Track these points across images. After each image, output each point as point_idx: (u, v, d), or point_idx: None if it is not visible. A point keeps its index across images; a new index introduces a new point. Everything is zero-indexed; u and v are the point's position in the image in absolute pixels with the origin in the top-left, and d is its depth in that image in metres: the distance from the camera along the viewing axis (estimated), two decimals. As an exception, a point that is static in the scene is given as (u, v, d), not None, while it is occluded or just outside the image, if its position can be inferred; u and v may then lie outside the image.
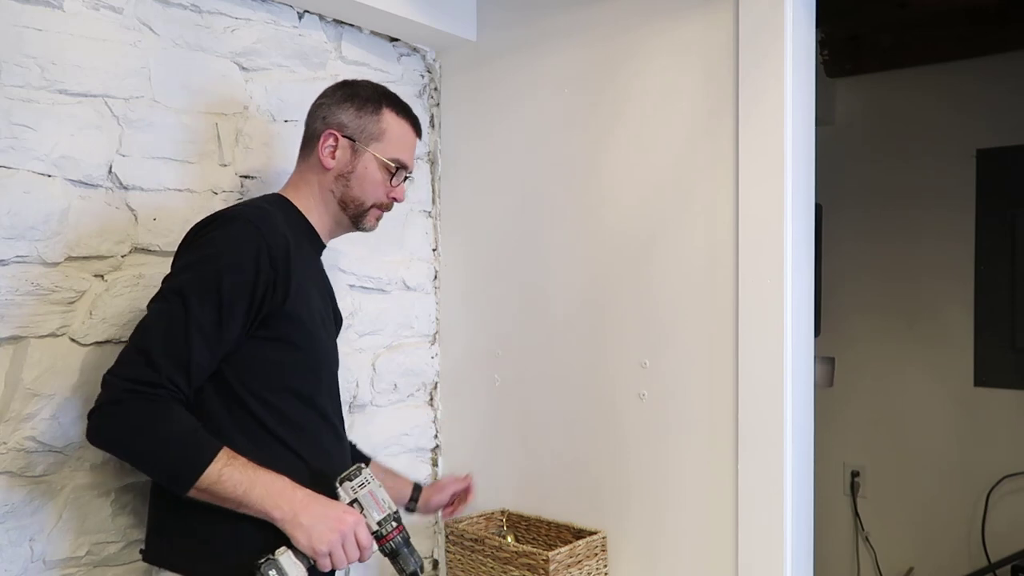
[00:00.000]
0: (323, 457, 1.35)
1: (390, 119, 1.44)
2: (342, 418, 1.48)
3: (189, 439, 1.17)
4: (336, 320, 1.55)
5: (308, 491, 1.24)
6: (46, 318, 1.36)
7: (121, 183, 1.47)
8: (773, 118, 1.58)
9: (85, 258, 1.41)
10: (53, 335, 1.37)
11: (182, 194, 1.56)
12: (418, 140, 1.52)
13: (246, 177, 1.68)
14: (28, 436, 1.33)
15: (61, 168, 1.38)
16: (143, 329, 1.21)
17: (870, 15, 2.59)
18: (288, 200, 1.42)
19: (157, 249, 1.52)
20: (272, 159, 1.72)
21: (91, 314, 1.41)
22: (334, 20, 1.86)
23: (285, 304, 1.27)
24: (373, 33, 1.96)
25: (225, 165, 1.64)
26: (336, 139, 1.41)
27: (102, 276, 1.44)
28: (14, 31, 1.32)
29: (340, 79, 1.46)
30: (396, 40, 2.02)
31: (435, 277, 2.15)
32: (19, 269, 1.32)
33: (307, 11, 1.80)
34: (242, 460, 1.19)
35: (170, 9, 1.54)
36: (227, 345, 1.23)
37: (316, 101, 1.47)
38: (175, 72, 1.55)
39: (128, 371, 1.17)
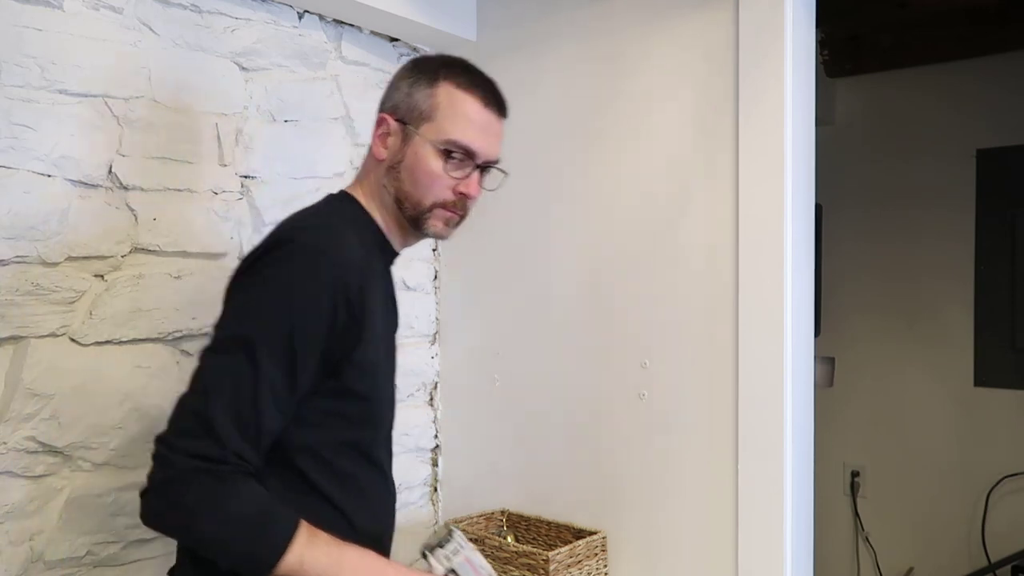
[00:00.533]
0: (371, 513, 1.20)
1: (446, 91, 1.16)
2: (391, 463, 1.30)
3: (263, 521, 1.01)
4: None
5: (398, 566, 1.11)
6: (46, 318, 1.35)
7: (121, 183, 1.46)
8: (773, 118, 1.58)
9: (85, 258, 1.41)
10: (53, 335, 1.37)
11: (182, 194, 1.56)
12: (499, 119, 1.23)
13: (246, 177, 1.68)
14: (28, 436, 1.33)
15: (61, 168, 1.38)
16: (203, 389, 1.02)
17: (870, 15, 2.59)
18: (354, 199, 1.22)
19: (157, 249, 1.52)
20: (272, 159, 1.72)
21: (91, 314, 1.41)
22: (334, 20, 1.86)
23: (356, 351, 1.08)
24: (373, 33, 1.96)
25: (225, 165, 1.64)
26: (388, 123, 1.18)
27: (102, 276, 1.44)
28: (14, 31, 1.32)
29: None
30: (396, 40, 2.02)
31: (435, 277, 2.15)
32: (19, 269, 1.32)
33: (307, 11, 1.80)
34: (323, 537, 1.04)
35: (170, 9, 1.54)
36: (296, 403, 1.06)
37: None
38: (175, 72, 1.55)
39: (188, 444, 0.99)
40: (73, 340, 1.39)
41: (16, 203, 1.32)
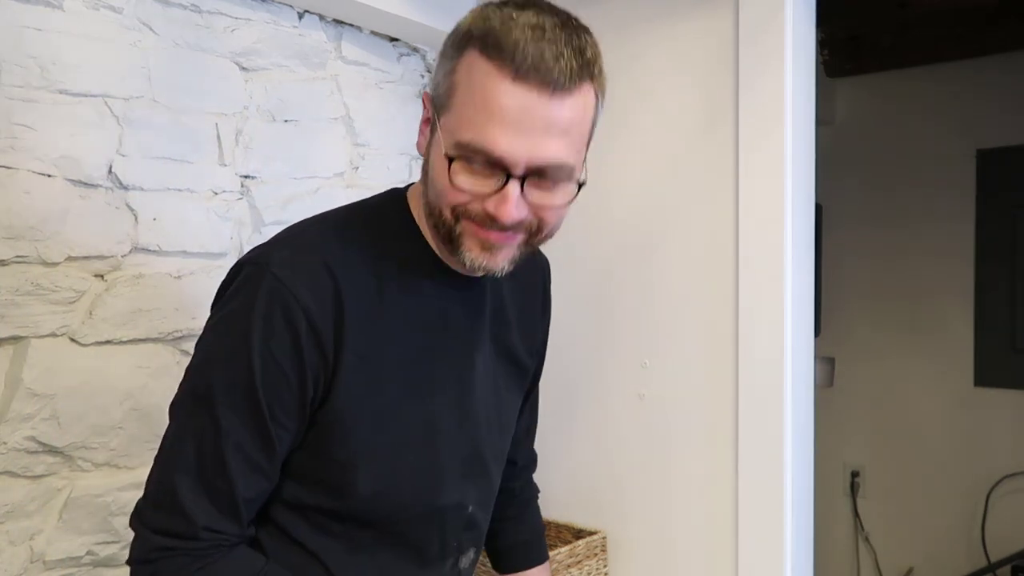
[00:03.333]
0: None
1: (468, 62, 0.79)
2: (460, 537, 1.00)
3: None
4: (524, 363, 1.08)
5: None
6: (46, 318, 1.35)
7: (121, 183, 1.46)
8: (773, 118, 1.58)
9: (85, 258, 1.41)
10: (53, 335, 1.37)
11: (182, 194, 1.56)
12: (551, 97, 0.79)
13: (246, 177, 1.68)
14: (28, 436, 1.33)
15: (61, 168, 1.38)
16: (167, 455, 0.86)
17: (870, 15, 2.59)
18: (403, 200, 0.94)
19: (157, 249, 1.51)
20: (272, 159, 1.72)
21: (91, 314, 1.41)
22: (334, 20, 1.86)
23: (326, 404, 0.86)
24: (373, 33, 1.96)
25: (225, 165, 1.64)
26: (425, 107, 0.88)
27: (102, 276, 1.44)
28: (14, 31, 1.32)
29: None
30: (396, 40, 2.02)
31: (435, 277, 2.14)
32: (19, 269, 1.32)
33: (307, 11, 1.80)
34: None
35: (170, 9, 1.54)
36: (282, 458, 0.87)
37: None
38: (175, 72, 1.55)
39: (158, 520, 0.84)
40: (73, 340, 1.39)
41: (16, 203, 1.32)
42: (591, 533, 1.81)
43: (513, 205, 0.80)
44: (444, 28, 1.96)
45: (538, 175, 0.81)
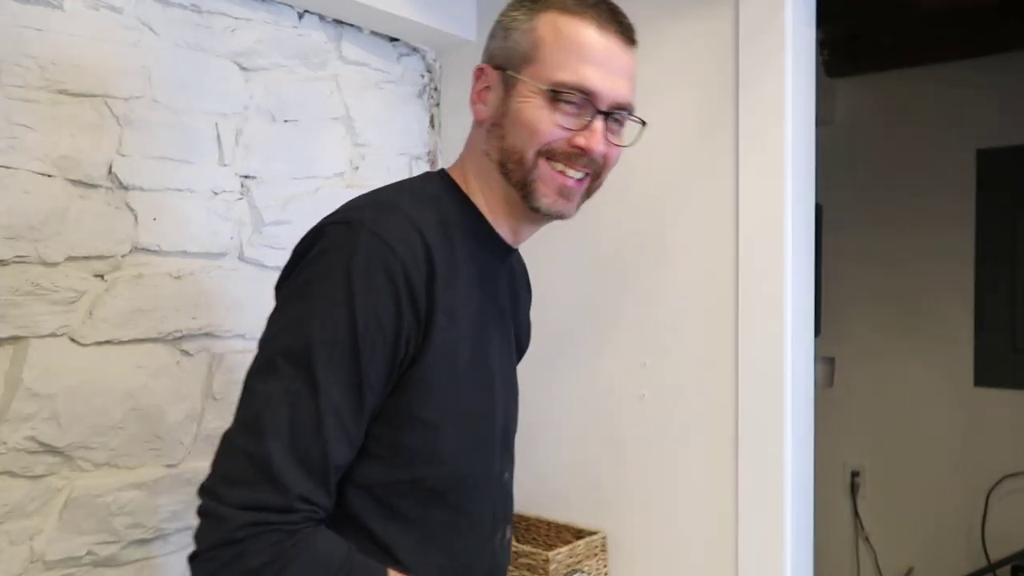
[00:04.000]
0: (443, 568, 0.96)
1: (550, 21, 0.92)
2: (503, 508, 1.04)
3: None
4: (519, 350, 1.14)
5: None
6: (46, 318, 1.35)
7: (121, 183, 1.46)
8: (773, 118, 1.58)
9: (85, 258, 1.41)
10: (53, 335, 1.37)
11: (182, 194, 1.56)
12: (625, 47, 0.96)
13: (246, 177, 1.68)
14: (28, 436, 1.33)
15: (61, 168, 1.38)
16: (253, 423, 0.81)
17: (870, 15, 2.59)
18: (452, 180, 1.00)
19: (157, 249, 1.51)
20: (272, 159, 1.72)
21: (91, 314, 1.41)
22: (334, 20, 1.86)
23: (418, 363, 0.87)
24: (373, 33, 1.96)
25: (225, 165, 1.64)
26: (486, 74, 0.97)
27: (102, 276, 1.44)
28: (14, 31, 1.32)
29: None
30: (396, 40, 2.02)
31: (435, 277, 2.15)
32: (19, 269, 1.32)
33: (307, 11, 1.80)
34: None
35: (170, 9, 1.54)
36: (364, 428, 0.86)
37: None
38: (175, 72, 1.55)
39: (242, 494, 0.79)
40: (73, 340, 1.39)
41: (16, 203, 1.32)
42: (591, 533, 1.81)
43: (601, 136, 0.92)
44: (444, 28, 1.96)
45: (611, 117, 0.94)
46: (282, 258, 1.71)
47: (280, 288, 0.93)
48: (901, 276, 2.89)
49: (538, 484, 1.97)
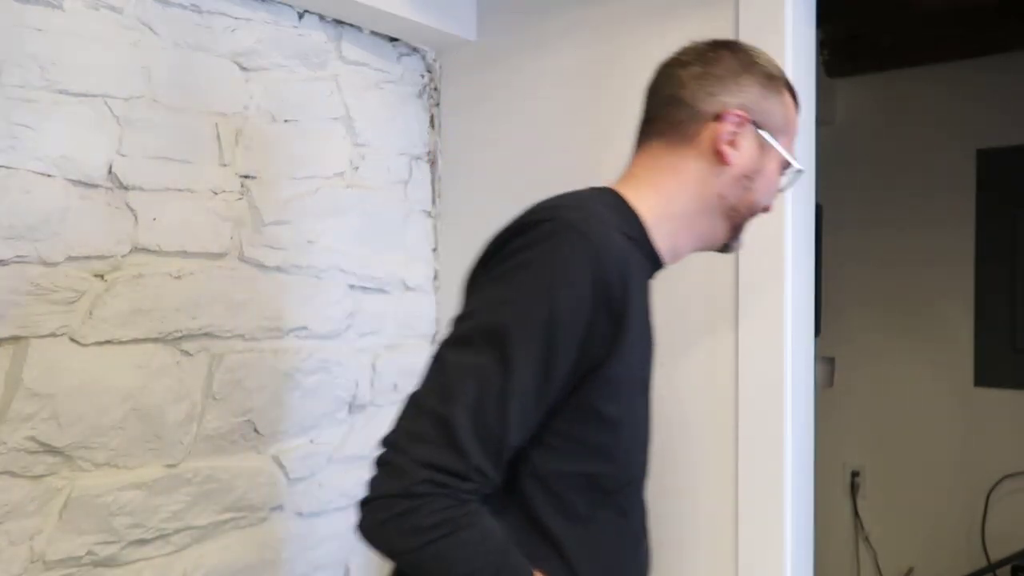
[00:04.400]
0: (612, 573, 0.99)
1: (791, 104, 1.07)
2: (646, 517, 1.10)
3: (497, 564, 0.85)
4: None
5: None
6: (46, 318, 1.35)
7: (121, 183, 1.46)
8: (773, 118, 1.57)
9: (85, 258, 1.41)
10: (53, 335, 1.37)
11: (182, 194, 1.56)
12: None
13: (246, 177, 1.68)
14: (28, 436, 1.33)
15: (61, 168, 1.38)
16: (444, 389, 0.85)
17: (870, 15, 2.59)
18: (624, 201, 1.02)
19: (157, 249, 1.51)
20: (272, 159, 1.72)
21: (91, 314, 1.41)
22: (334, 20, 1.86)
23: (609, 361, 0.90)
24: (373, 33, 1.96)
25: (225, 165, 1.64)
26: (745, 125, 1.01)
27: (102, 276, 1.44)
28: (14, 31, 1.32)
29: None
30: (396, 40, 2.02)
31: (435, 277, 2.15)
32: (19, 269, 1.32)
33: (307, 11, 1.80)
34: None
35: (170, 9, 1.54)
36: (540, 416, 0.89)
37: (686, 65, 1.04)
38: (175, 72, 1.55)
39: (425, 452, 0.82)
40: (73, 340, 1.39)
41: (16, 203, 1.32)
42: (591, 533, 1.81)
43: None
44: (444, 28, 1.96)
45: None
46: (282, 258, 1.73)
47: (484, 265, 0.97)
48: (901, 276, 2.89)
49: (538, 484, 1.97)
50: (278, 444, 1.73)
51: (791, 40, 1.57)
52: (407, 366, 2.06)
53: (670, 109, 1.04)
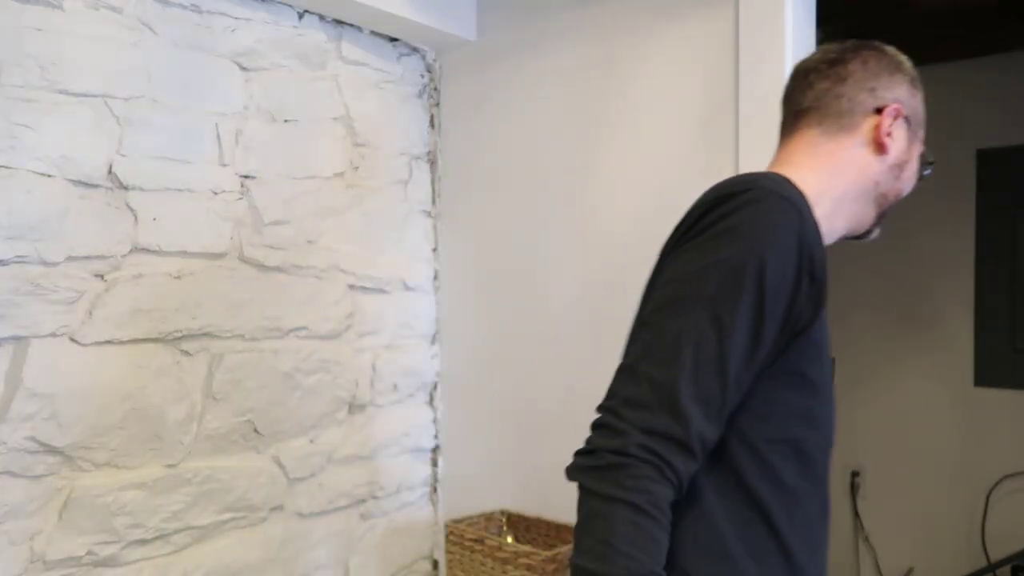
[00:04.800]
0: (808, 546, 0.96)
1: (922, 103, 1.14)
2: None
3: (648, 568, 0.82)
4: None
5: None
6: (46, 318, 1.36)
7: (121, 183, 1.47)
8: (773, 118, 1.57)
9: (85, 258, 1.41)
10: (53, 335, 1.37)
11: (182, 194, 1.56)
12: None
13: (246, 177, 1.68)
14: (28, 436, 1.33)
15: (61, 168, 1.38)
16: (659, 353, 0.87)
17: (870, 15, 2.59)
18: (791, 182, 1.00)
19: (157, 249, 1.52)
20: (272, 159, 1.72)
21: (91, 314, 1.41)
22: (334, 20, 1.86)
23: (815, 324, 0.90)
24: (373, 33, 1.96)
25: (225, 165, 1.64)
26: (899, 118, 1.07)
27: (102, 276, 1.44)
28: (14, 31, 1.32)
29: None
30: (396, 40, 2.02)
31: (435, 277, 2.15)
32: (19, 269, 1.32)
33: (307, 11, 1.80)
34: None
35: (170, 9, 1.54)
36: (749, 379, 0.89)
37: (845, 63, 1.09)
38: (175, 72, 1.55)
39: (643, 417, 0.84)
40: (73, 340, 1.39)
41: (16, 203, 1.32)
42: (591, 533, 1.81)
43: None
44: (444, 28, 1.96)
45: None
46: (282, 258, 1.73)
47: (682, 235, 0.95)
48: (901, 276, 2.89)
49: (538, 484, 1.97)
50: (278, 444, 1.73)
51: (791, 40, 1.57)
52: (407, 366, 2.06)
53: (829, 101, 1.08)
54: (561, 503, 1.92)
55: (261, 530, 1.70)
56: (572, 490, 2.03)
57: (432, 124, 2.14)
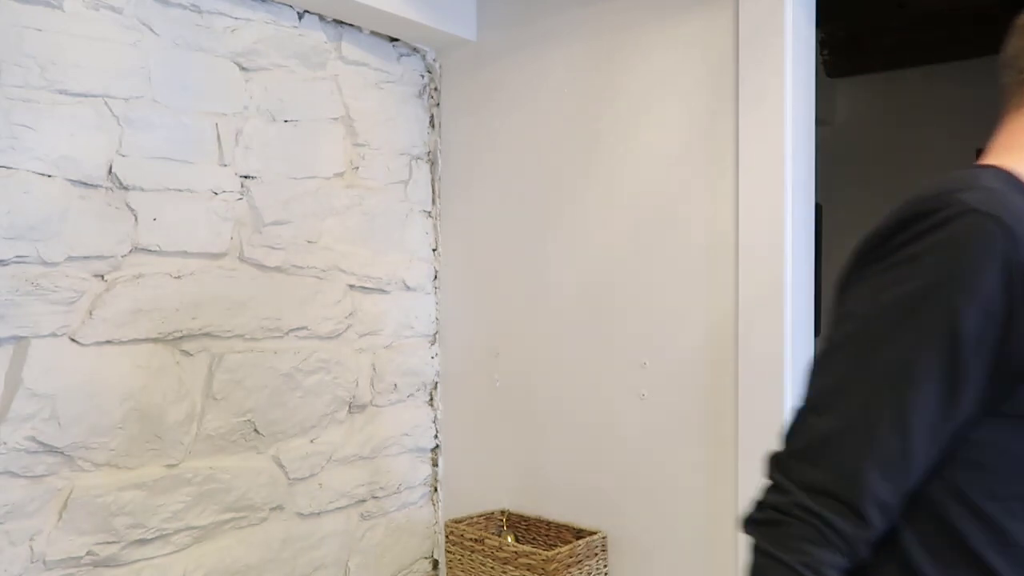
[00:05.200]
0: None
1: None
2: None
3: None
4: None
5: None
6: (46, 318, 1.36)
7: (121, 183, 1.47)
8: (773, 118, 1.58)
9: (85, 258, 1.41)
10: (53, 335, 1.37)
11: (182, 194, 1.56)
12: None
13: (246, 177, 1.68)
14: (28, 436, 1.33)
15: (61, 168, 1.38)
16: (826, 403, 0.78)
17: (870, 15, 2.59)
18: (1014, 176, 0.88)
19: (157, 249, 1.52)
20: (272, 159, 1.72)
21: (91, 314, 1.41)
22: (334, 20, 1.86)
23: None
24: (373, 33, 1.96)
25: (225, 165, 1.64)
26: None
27: (102, 276, 1.44)
28: (14, 31, 1.32)
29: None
30: (396, 40, 2.02)
31: (435, 277, 2.15)
32: (19, 269, 1.32)
33: (307, 11, 1.80)
34: None
35: (170, 9, 1.54)
36: (952, 431, 0.76)
37: None
38: (175, 72, 1.55)
39: (810, 473, 0.76)
40: (73, 340, 1.39)
41: (16, 203, 1.32)
42: (591, 533, 1.81)
43: None
44: (444, 28, 1.96)
45: None
46: (282, 258, 1.73)
47: (863, 262, 0.82)
48: (901, 276, 2.89)
49: (538, 484, 1.97)
50: (278, 444, 1.73)
51: (791, 40, 1.57)
52: (407, 366, 2.06)
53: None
54: (561, 503, 1.92)
55: (261, 530, 1.70)
56: (572, 490, 2.04)
57: (432, 124, 2.14)
